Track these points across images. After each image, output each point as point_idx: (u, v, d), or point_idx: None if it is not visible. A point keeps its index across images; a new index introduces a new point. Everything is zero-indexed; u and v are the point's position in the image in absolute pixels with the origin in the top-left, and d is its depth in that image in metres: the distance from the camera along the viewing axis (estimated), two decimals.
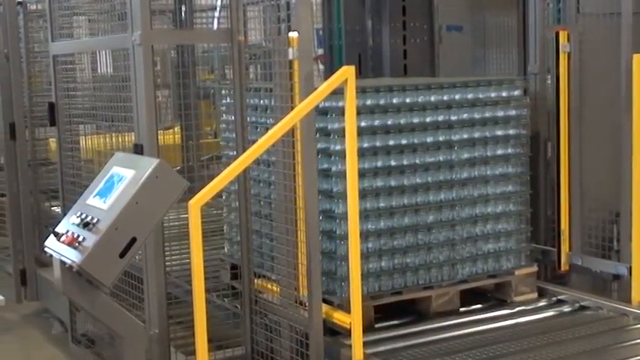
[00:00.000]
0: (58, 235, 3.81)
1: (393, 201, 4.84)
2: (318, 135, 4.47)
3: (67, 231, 3.78)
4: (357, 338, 4.10)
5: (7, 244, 6.90)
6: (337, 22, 7.33)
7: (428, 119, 4.92)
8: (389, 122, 4.81)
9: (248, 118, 4.83)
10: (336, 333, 4.41)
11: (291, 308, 4.42)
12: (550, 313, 5.03)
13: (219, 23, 7.89)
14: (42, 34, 6.95)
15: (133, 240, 3.67)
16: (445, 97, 4.99)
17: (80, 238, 3.68)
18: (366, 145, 4.70)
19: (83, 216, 3.78)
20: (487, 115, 5.10)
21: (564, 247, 5.65)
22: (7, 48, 6.52)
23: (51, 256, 3.85)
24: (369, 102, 4.72)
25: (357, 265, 4.08)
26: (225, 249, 5.58)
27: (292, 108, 4.17)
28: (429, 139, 4.92)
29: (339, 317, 4.24)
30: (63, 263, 3.73)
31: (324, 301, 4.42)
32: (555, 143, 5.71)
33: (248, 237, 4.77)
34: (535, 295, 5.25)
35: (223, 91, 5.68)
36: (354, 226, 4.08)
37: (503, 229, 5.18)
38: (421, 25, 7.27)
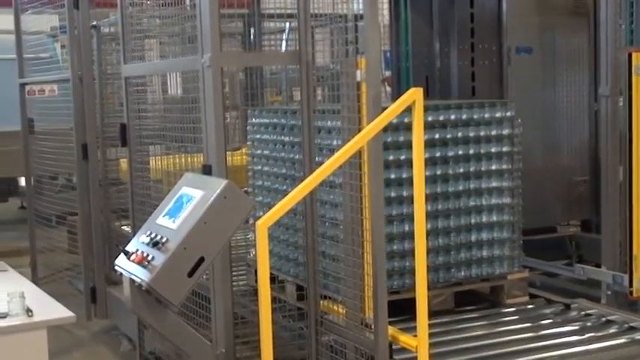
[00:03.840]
0: (128, 254, 3.86)
1: (392, 210, 5.15)
2: None
3: (137, 250, 3.83)
4: None
5: (78, 262, 7.00)
6: (405, 44, 7.33)
7: (425, 137, 5.05)
8: (389, 140, 5.07)
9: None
10: None
11: (357, 330, 4.41)
12: (622, 340, 4.92)
13: (287, 45, 7.95)
14: (114, 57, 7.06)
15: (201, 260, 3.70)
16: (441, 117, 5.32)
17: (150, 257, 3.73)
18: None
19: (153, 235, 3.83)
20: (481, 133, 5.44)
21: (637, 273, 5.54)
22: (81, 70, 6.63)
23: (121, 274, 3.90)
24: None
25: (424, 292, 4.06)
26: (251, 254, 5.93)
27: (359, 130, 4.18)
28: (426, 155, 5.11)
29: (405, 340, 4.22)
30: (132, 282, 3.78)
31: (326, 297, 4.76)
32: (627, 167, 5.61)
33: (314, 258, 4.77)
34: (527, 298, 5.61)
35: (249, 111, 6.05)
36: (421, 257, 4.06)
37: (496, 237, 5.50)
38: (490, 47, 7.23)
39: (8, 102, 8.47)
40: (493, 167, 5.48)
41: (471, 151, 5.41)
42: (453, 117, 5.36)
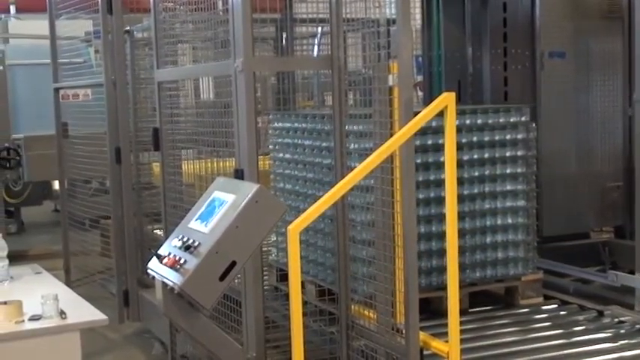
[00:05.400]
0: (160, 258, 3.87)
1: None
2: None
3: (169, 253, 3.84)
4: None
5: (111, 265, 7.03)
6: (437, 48, 7.31)
7: (440, 141, 5.19)
8: (429, 142, 5.28)
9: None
10: None
11: (388, 335, 4.40)
12: None
13: (319, 50, 7.94)
14: (147, 62, 7.09)
15: (233, 263, 3.70)
16: (456, 122, 5.26)
17: (182, 261, 3.74)
18: None
19: (185, 239, 3.84)
20: (496, 137, 5.54)
21: None
22: (115, 75, 6.66)
23: (153, 277, 3.92)
24: None
25: (456, 299, 4.04)
26: (273, 255, 6.07)
27: (391, 134, 4.17)
28: (441, 159, 5.20)
29: (436, 346, 4.20)
30: (165, 285, 3.79)
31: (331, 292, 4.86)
32: None
33: (346, 263, 4.76)
34: (541, 299, 5.72)
35: (271, 116, 6.22)
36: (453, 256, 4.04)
37: (511, 239, 5.60)
38: (522, 52, 7.22)
39: (43, 106, 8.55)
40: (508, 171, 5.57)
41: (486, 155, 5.51)
42: (468, 122, 5.43)
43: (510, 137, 5.56)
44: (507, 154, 5.56)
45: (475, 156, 5.45)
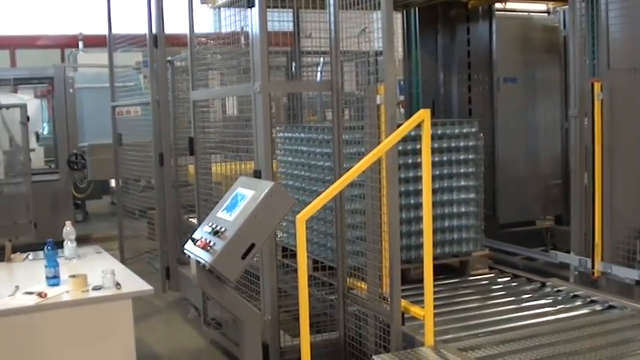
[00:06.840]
0: (194, 241, 3.84)
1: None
2: None
3: (201, 237, 3.81)
4: (429, 328, 4.01)
5: (155, 247, 7.01)
6: (415, 74, 7.31)
7: (408, 147, 5.22)
8: (409, 147, 5.19)
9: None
10: None
11: (376, 302, 4.36)
12: (585, 310, 4.85)
13: (321, 76, 7.91)
14: (184, 85, 7.06)
15: (252, 245, 3.68)
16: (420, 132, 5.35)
17: (211, 243, 3.71)
18: None
19: (214, 226, 3.81)
20: (452, 144, 5.50)
21: (597, 258, 5.46)
22: (159, 95, 6.63)
23: (189, 256, 3.88)
24: None
25: (430, 274, 4.00)
26: (279, 236, 5.86)
27: (379, 142, 4.13)
28: (410, 160, 5.26)
29: (415, 311, 4.16)
30: (198, 262, 3.76)
31: (331, 268, 4.86)
32: (591, 173, 5.54)
33: (342, 244, 4.72)
34: (487, 270, 5.74)
35: (277, 127, 6.11)
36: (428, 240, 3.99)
37: (464, 223, 5.56)
38: (483, 77, 7.23)
39: (103, 121, 8.51)
40: (462, 170, 5.55)
41: (445, 158, 5.49)
42: (431, 132, 5.31)
43: (463, 144, 5.53)
44: (461, 157, 5.52)
45: (437, 158, 5.42)
